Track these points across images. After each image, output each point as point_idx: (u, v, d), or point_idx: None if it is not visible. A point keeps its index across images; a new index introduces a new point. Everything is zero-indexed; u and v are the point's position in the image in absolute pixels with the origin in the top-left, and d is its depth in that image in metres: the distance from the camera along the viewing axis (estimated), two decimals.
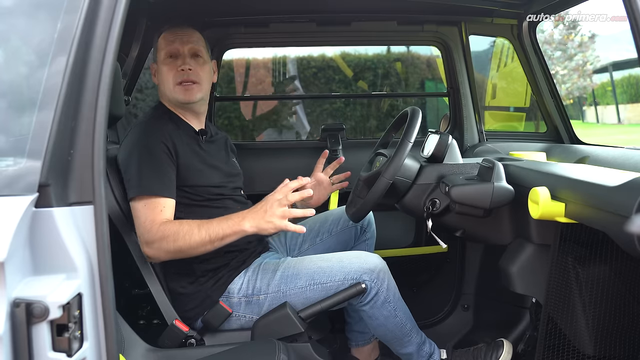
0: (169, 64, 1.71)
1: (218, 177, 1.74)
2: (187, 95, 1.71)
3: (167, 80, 1.71)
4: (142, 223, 1.55)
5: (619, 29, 24.05)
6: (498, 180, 1.49)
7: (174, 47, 1.71)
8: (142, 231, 1.55)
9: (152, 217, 1.54)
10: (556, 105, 2.31)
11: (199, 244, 1.53)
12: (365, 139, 4.01)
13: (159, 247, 1.53)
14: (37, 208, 0.87)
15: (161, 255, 1.56)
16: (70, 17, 0.93)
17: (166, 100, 1.77)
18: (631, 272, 1.31)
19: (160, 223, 1.54)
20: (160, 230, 1.53)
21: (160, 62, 1.73)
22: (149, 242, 1.54)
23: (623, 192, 1.04)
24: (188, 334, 1.59)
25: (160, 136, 1.62)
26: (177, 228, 1.53)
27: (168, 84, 1.71)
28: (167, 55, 1.72)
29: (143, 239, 1.55)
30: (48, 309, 0.82)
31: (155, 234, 1.53)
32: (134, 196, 1.57)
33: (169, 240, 1.52)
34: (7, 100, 0.96)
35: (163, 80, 1.73)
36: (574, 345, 1.40)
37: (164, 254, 1.55)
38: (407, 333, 1.71)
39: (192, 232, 1.52)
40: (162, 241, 1.52)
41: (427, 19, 2.36)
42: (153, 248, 1.54)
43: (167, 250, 1.54)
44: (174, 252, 1.54)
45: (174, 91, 1.71)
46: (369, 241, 1.99)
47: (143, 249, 1.57)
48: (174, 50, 1.71)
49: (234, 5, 2.18)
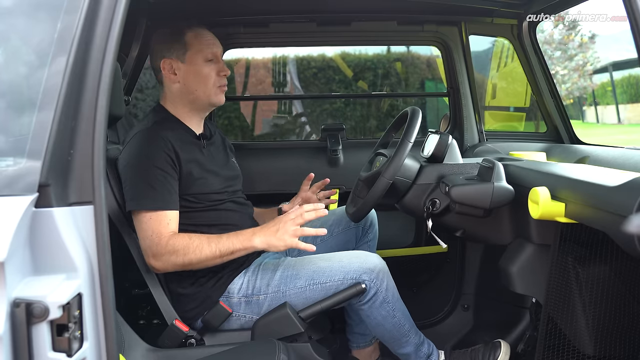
0: (210, 67, 1.71)
1: (219, 183, 1.73)
2: (221, 99, 1.74)
3: (208, 82, 1.70)
4: (149, 236, 1.54)
5: (619, 29, 24.06)
6: (498, 180, 1.49)
7: (214, 50, 1.72)
8: (148, 244, 1.54)
9: (158, 230, 1.54)
10: (556, 105, 2.31)
11: (209, 258, 1.55)
12: (365, 139, 4.01)
13: (167, 260, 1.54)
14: (37, 208, 0.87)
15: (168, 268, 1.56)
16: (70, 17, 0.93)
17: (174, 102, 1.73)
18: (631, 272, 1.31)
19: (169, 236, 1.54)
20: (169, 244, 1.53)
21: (199, 64, 1.70)
22: (156, 255, 1.54)
23: (623, 192, 1.04)
24: (188, 334, 1.59)
25: (163, 146, 1.59)
26: (187, 242, 1.54)
27: (207, 86, 1.71)
28: (208, 57, 1.71)
29: (150, 252, 1.54)
30: (48, 309, 0.82)
31: (165, 247, 1.53)
32: (137, 209, 1.56)
33: (178, 254, 1.53)
34: (7, 100, 0.96)
35: (198, 80, 1.70)
36: (574, 345, 1.40)
37: (171, 266, 1.55)
38: (405, 333, 1.71)
39: (202, 246, 1.54)
40: (172, 255, 1.53)
41: (427, 19, 2.36)
42: (161, 261, 1.54)
43: (175, 264, 1.55)
44: (182, 266, 1.56)
45: (212, 94, 1.72)
46: (371, 242, 1.98)
47: (149, 261, 1.56)
48: (214, 54, 1.72)
49: (234, 5, 2.18)
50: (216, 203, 1.70)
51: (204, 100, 1.72)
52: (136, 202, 1.56)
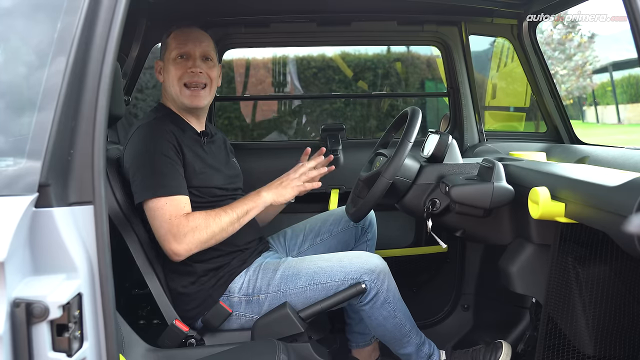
0: (178, 64, 1.71)
1: (220, 178, 1.74)
2: (194, 101, 1.72)
3: (174, 80, 1.71)
4: (168, 220, 1.55)
5: (619, 29, 24.04)
6: (498, 180, 1.49)
7: (187, 48, 1.71)
8: (168, 228, 1.54)
9: (177, 213, 1.55)
10: (556, 105, 2.31)
11: (228, 223, 1.60)
12: (365, 139, 4.01)
13: (191, 240, 1.55)
14: (37, 208, 0.87)
15: (192, 248, 1.56)
16: (70, 17, 0.93)
17: (169, 100, 1.76)
18: (631, 272, 1.31)
19: (187, 216, 1.56)
20: (190, 222, 1.55)
21: (169, 62, 1.72)
22: (179, 236, 1.54)
23: (623, 192, 1.04)
24: (188, 334, 1.59)
25: (167, 136, 1.63)
26: (205, 215, 1.58)
27: (174, 83, 1.71)
28: (178, 55, 1.71)
29: (171, 236, 1.54)
30: (48, 308, 0.82)
31: (186, 226, 1.54)
32: (152, 197, 1.56)
33: (201, 229, 1.55)
34: (8, 100, 0.96)
35: (170, 80, 1.72)
36: (574, 345, 1.40)
37: (195, 244, 1.56)
38: (406, 334, 1.71)
39: (220, 214, 1.60)
40: (195, 231, 1.55)
41: (427, 19, 2.36)
42: (184, 242, 1.54)
43: (199, 240, 1.56)
44: (206, 240, 1.57)
45: (180, 94, 1.71)
46: (370, 242, 1.99)
47: (171, 246, 1.55)
48: (187, 51, 1.71)
49: (234, 5, 2.18)
50: (218, 198, 1.72)
51: (177, 100, 1.74)
52: (152, 192, 1.56)
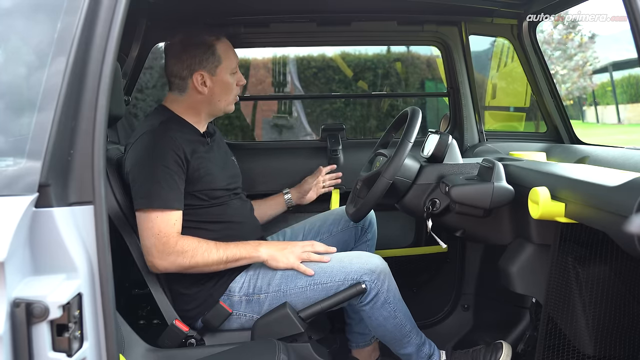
0: (235, 75, 1.76)
1: (223, 179, 1.74)
2: (233, 107, 1.80)
3: (231, 93, 1.75)
4: (156, 234, 1.54)
5: (619, 29, 24.04)
6: (498, 180, 1.49)
7: (237, 61, 1.77)
8: (154, 242, 1.54)
9: (165, 229, 1.54)
10: (556, 105, 2.31)
11: (214, 262, 1.58)
12: (365, 139, 4.01)
13: (174, 261, 1.55)
14: (37, 208, 0.87)
15: (170, 268, 1.56)
16: (70, 17, 0.93)
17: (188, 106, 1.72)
18: (631, 272, 1.31)
19: (177, 237, 1.55)
20: (179, 245, 1.54)
21: (225, 73, 1.72)
22: (162, 254, 1.54)
23: (623, 192, 1.04)
24: (188, 334, 1.59)
25: (172, 145, 1.59)
26: (196, 245, 1.56)
27: (229, 97, 1.75)
28: (234, 70, 1.74)
29: (155, 251, 1.54)
30: (48, 309, 0.82)
31: (173, 247, 1.54)
32: (145, 208, 1.55)
33: (186, 256, 1.54)
34: (8, 100, 0.96)
35: (224, 91, 1.73)
36: (574, 345, 1.40)
37: (175, 267, 1.56)
38: (406, 334, 1.71)
39: (211, 250, 1.57)
40: (179, 256, 1.54)
41: (427, 19, 2.36)
42: (167, 261, 1.54)
43: (180, 265, 1.55)
44: (187, 267, 1.57)
45: (230, 103, 1.77)
46: (369, 242, 1.99)
47: (152, 260, 1.55)
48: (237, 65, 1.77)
49: (233, 5, 2.18)
50: (220, 200, 1.72)
51: (222, 109, 1.76)
52: (147, 201, 1.55)
